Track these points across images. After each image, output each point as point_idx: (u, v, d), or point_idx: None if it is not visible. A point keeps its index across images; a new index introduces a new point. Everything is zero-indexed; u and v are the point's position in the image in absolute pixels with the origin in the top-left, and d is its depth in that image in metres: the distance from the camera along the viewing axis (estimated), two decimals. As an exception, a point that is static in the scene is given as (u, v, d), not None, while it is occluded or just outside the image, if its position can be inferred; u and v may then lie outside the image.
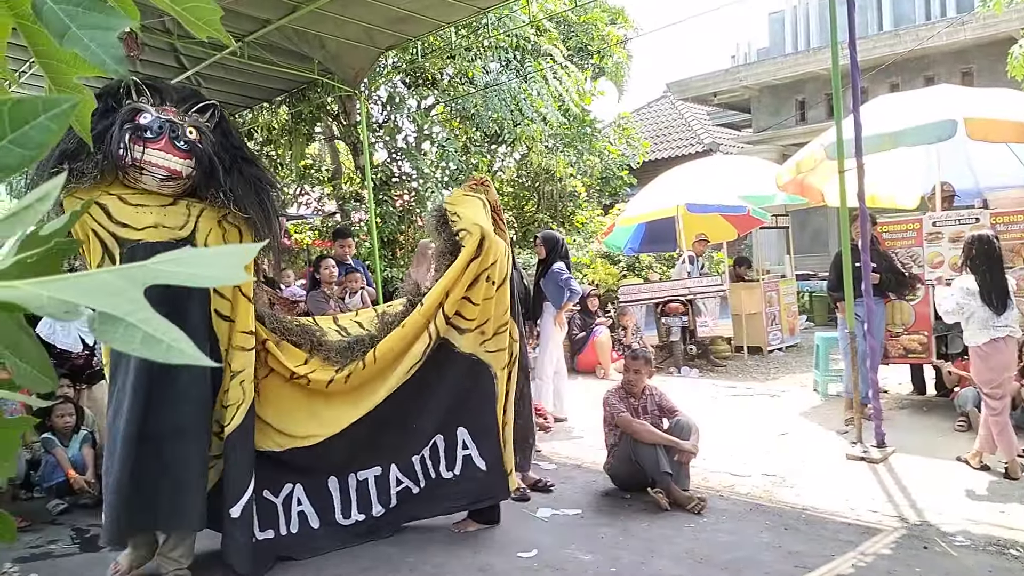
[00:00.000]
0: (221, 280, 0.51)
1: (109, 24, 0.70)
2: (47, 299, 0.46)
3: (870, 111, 6.72)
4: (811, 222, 15.77)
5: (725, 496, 4.80)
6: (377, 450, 4.19)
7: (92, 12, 0.70)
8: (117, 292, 0.47)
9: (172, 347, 0.47)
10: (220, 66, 9.05)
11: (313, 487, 4.07)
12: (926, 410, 6.64)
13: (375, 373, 4.11)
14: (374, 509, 4.18)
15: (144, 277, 0.49)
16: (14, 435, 0.66)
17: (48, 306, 0.46)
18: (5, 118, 0.49)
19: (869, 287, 5.66)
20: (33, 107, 0.50)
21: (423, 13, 7.60)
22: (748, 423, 6.67)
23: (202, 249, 0.55)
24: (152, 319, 0.47)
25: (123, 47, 0.71)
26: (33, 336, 0.61)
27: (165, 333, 0.47)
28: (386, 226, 11.02)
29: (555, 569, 3.77)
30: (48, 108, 0.50)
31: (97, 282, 0.48)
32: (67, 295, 0.47)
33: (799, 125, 16.23)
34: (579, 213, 14.08)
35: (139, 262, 0.50)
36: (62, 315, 0.46)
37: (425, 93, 12.54)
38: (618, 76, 15.43)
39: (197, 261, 0.52)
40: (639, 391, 4.98)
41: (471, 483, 4.28)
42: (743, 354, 10.28)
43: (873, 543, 3.95)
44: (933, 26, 14.33)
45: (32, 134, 0.50)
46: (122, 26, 0.71)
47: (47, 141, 0.50)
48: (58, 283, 0.48)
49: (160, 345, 0.46)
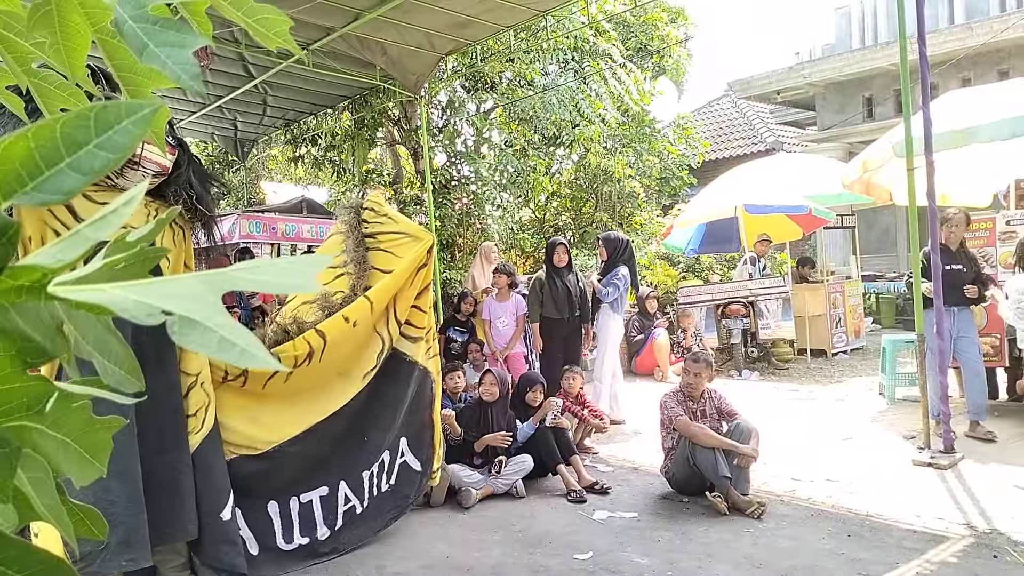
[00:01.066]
0: (295, 288, 0.55)
1: (184, 42, 0.74)
2: (132, 302, 0.48)
3: (940, 107, 6.52)
4: (878, 222, 15.33)
5: (786, 501, 4.73)
6: (327, 467, 4.05)
7: (168, 30, 0.73)
8: (197, 297, 0.50)
9: (246, 351, 0.49)
10: (286, 74, 9.30)
11: (252, 512, 3.83)
12: (998, 415, 6.40)
13: (322, 375, 3.95)
14: (319, 531, 4.02)
15: (223, 283, 0.52)
16: (106, 437, 0.66)
17: (132, 309, 0.48)
18: (92, 124, 0.51)
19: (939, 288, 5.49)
20: (117, 112, 0.52)
21: (483, 17, 7.67)
22: (810, 427, 6.54)
23: (277, 259, 0.59)
24: (228, 324, 0.49)
25: (197, 60, 0.75)
26: (121, 338, 0.62)
27: (240, 337, 0.49)
28: (445, 229, 11.14)
29: (611, 572, 3.78)
30: (131, 113, 0.52)
31: (178, 287, 0.50)
32: (150, 299, 0.49)
33: (866, 122, 15.78)
34: (638, 214, 13.98)
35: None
36: (144, 318, 0.48)
37: (484, 97, 12.62)
38: (678, 75, 15.25)
39: (273, 271, 0.54)
40: (698, 394, 4.95)
41: (408, 487, 4.31)
42: (806, 357, 10.06)
43: (940, 551, 3.84)
44: (1008, 18, 13.75)
45: (116, 138, 0.51)
46: (196, 44, 0.74)
47: (130, 144, 0.52)
48: (141, 287, 0.50)
49: (235, 348, 0.48)
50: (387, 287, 4.08)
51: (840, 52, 16.87)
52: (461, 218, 11.62)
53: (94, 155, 0.50)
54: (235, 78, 9.64)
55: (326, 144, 13.26)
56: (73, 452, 0.66)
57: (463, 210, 11.86)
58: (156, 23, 0.74)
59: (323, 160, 13.76)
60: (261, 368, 2.78)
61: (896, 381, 7.34)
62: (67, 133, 0.49)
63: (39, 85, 0.89)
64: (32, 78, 0.88)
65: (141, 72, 0.85)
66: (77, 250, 0.50)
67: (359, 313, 3.99)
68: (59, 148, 0.49)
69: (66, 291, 0.49)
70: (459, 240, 11.74)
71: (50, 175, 0.49)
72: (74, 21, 0.81)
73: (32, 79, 0.89)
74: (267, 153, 16.14)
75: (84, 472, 0.67)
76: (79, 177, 0.49)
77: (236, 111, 11.51)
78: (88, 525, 0.75)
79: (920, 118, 5.44)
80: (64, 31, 0.81)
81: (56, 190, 0.48)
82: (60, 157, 0.49)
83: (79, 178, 0.49)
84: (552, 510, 4.76)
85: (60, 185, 0.48)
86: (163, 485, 3.38)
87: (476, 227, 11.96)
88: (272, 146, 15.11)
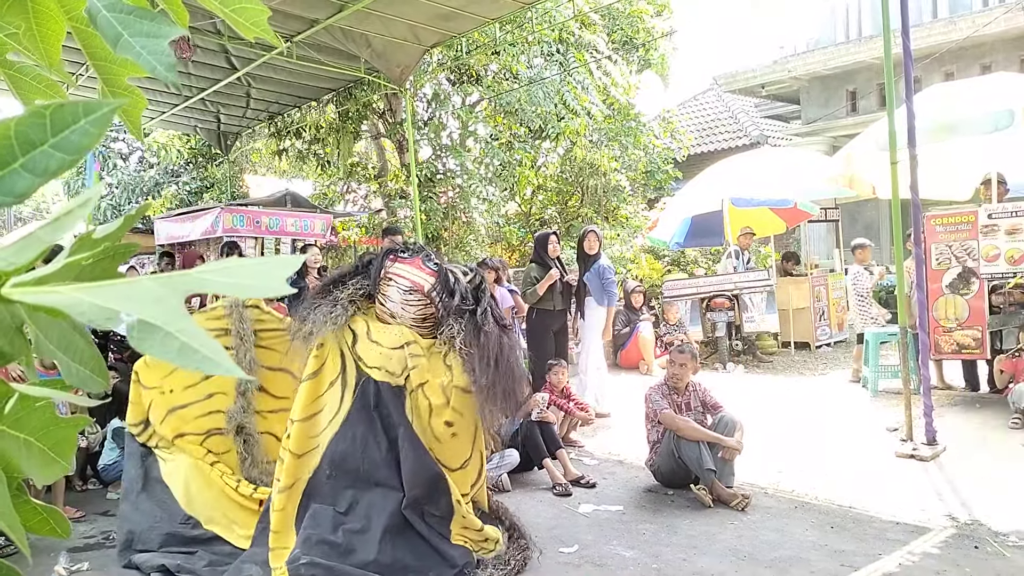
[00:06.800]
0: (263, 292, 0.52)
1: (160, 32, 0.72)
2: (89, 305, 0.47)
3: (923, 101, 6.56)
4: (862, 215, 15.42)
5: (770, 493, 4.76)
6: None
7: (143, 20, 0.72)
8: (158, 300, 0.48)
9: (208, 358, 0.47)
10: (269, 66, 9.23)
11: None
12: (979, 407, 6.47)
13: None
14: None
15: (188, 286, 0.50)
16: (71, 434, 0.66)
17: (89, 312, 0.47)
18: (47, 123, 0.49)
19: (923, 281, 5.53)
20: (74, 112, 0.50)
21: (468, 9, 7.64)
22: (794, 420, 6.58)
23: (247, 259, 0.57)
24: (190, 329, 0.47)
25: (175, 51, 0.73)
26: (88, 337, 0.61)
27: (202, 344, 0.47)
28: (430, 222, 11.11)
29: (596, 565, 3.79)
30: (88, 113, 0.50)
31: (138, 290, 0.49)
32: (108, 302, 0.47)
33: (850, 116, 15.87)
34: (623, 208, 13.99)
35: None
36: (103, 322, 0.47)
37: (469, 90, 12.58)
38: (663, 69, 15.27)
39: (241, 272, 0.52)
40: (683, 387, 4.96)
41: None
42: (790, 350, 10.12)
43: (921, 542, 3.88)
44: (990, 12, 13.85)
45: (73, 138, 0.50)
46: (172, 34, 0.73)
47: (87, 145, 0.50)
48: (100, 289, 0.48)
49: (196, 355, 0.46)
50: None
51: (824, 46, 16.95)
52: (446, 211, 11.59)
53: (49, 155, 0.48)
54: (218, 70, 9.56)
55: (310, 137, 13.19)
56: (36, 451, 0.65)
57: (448, 203, 11.83)
58: (131, 12, 0.72)
59: (307, 153, 13.68)
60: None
61: (878, 373, 7.39)
62: (22, 132, 0.47)
63: (15, 76, 0.87)
64: (7, 69, 0.86)
65: (116, 61, 0.83)
66: (30, 253, 0.49)
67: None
68: (13, 148, 0.47)
69: (22, 293, 0.48)
70: (444, 234, 11.72)
71: (2, 176, 0.47)
72: (48, 8, 0.79)
73: (7, 70, 0.86)
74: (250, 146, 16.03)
75: (48, 470, 0.66)
76: (32, 178, 0.47)
77: (219, 104, 11.42)
78: (52, 526, 0.74)
79: (903, 112, 5.47)
80: (38, 18, 0.80)
81: (8, 192, 0.46)
82: (14, 157, 0.47)
83: (32, 179, 0.47)
84: (538, 504, 4.77)
85: (12, 186, 0.46)
86: None
87: (462, 220, 11.94)
88: (255, 139, 15.01)
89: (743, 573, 3.62)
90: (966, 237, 6.58)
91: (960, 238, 6.61)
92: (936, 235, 6.63)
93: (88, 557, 4.12)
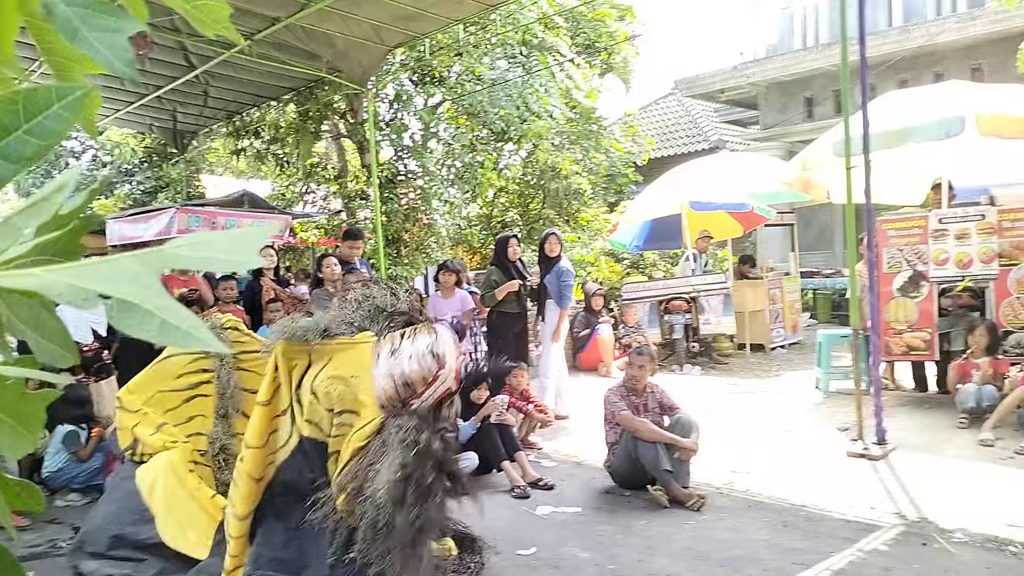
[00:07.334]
0: (237, 266, 0.52)
1: (119, 27, 0.71)
2: (65, 286, 0.46)
3: (878, 108, 6.68)
4: (816, 219, 15.71)
5: (725, 493, 4.83)
6: None
7: (102, 15, 0.70)
8: (134, 278, 0.47)
9: (190, 334, 0.46)
10: (228, 64, 9.09)
11: None
12: (927, 407, 6.64)
13: None
14: None
15: (162, 262, 0.49)
16: (39, 408, 0.65)
17: (66, 293, 0.46)
18: (20, 108, 0.48)
19: (875, 284, 5.67)
20: (47, 96, 0.49)
21: (432, 10, 7.62)
22: (749, 420, 6.68)
23: (217, 233, 0.55)
24: (169, 306, 0.46)
25: (133, 47, 0.72)
26: (55, 312, 0.60)
27: (183, 320, 0.46)
28: (391, 224, 11.05)
29: (553, 567, 3.81)
30: (61, 96, 0.50)
31: (114, 269, 0.48)
32: (85, 282, 0.46)
33: (806, 122, 16.16)
34: (584, 211, 14.08)
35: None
36: (80, 302, 0.46)
37: (432, 91, 12.55)
38: (625, 73, 15.41)
39: (212, 246, 0.52)
40: (641, 388, 5.01)
41: None
42: (746, 351, 10.28)
43: (871, 540, 3.97)
44: (943, 22, 14.22)
45: (47, 123, 0.49)
46: (131, 29, 0.72)
47: (61, 131, 0.50)
48: (75, 270, 0.47)
49: (177, 332, 0.46)
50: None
51: (783, 53, 17.25)
52: (408, 213, 11.54)
53: (24, 141, 0.48)
54: (175, 68, 9.39)
55: (269, 137, 13.03)
56: (7, 427, 0.65)
57: (410, 205, 11.78)
58: (90, 6, 0.71)
59: (266, 153, 13.52)
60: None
61: (831, 374, 7.54)
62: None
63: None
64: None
65: (72, 56, 0.82)
66: (6, 240, 0.48)
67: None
68: None
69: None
70: (405, 236, 11.66)
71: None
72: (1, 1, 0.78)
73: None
74: (207, 145, 15.78)
75: (17, 445, 0.66)
76: (8, 166, 0.46)
77: (176, 102, 11.21)
78: (24, 499, 0.75)
79: (859, 118, 5.58)
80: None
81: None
82: None
83: (8, 167, 0.46)
84: (496, 506, 4.76)
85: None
86: None
87: (423, 222, 11.89)
88: (213, 138, 14.78)
89: (698, 573, 3.67)
90: (917, 241, 6.75)
91: (911, 242, 6.77)
92: (888, 239, 6.78)
93: (34, 566, 4.02)
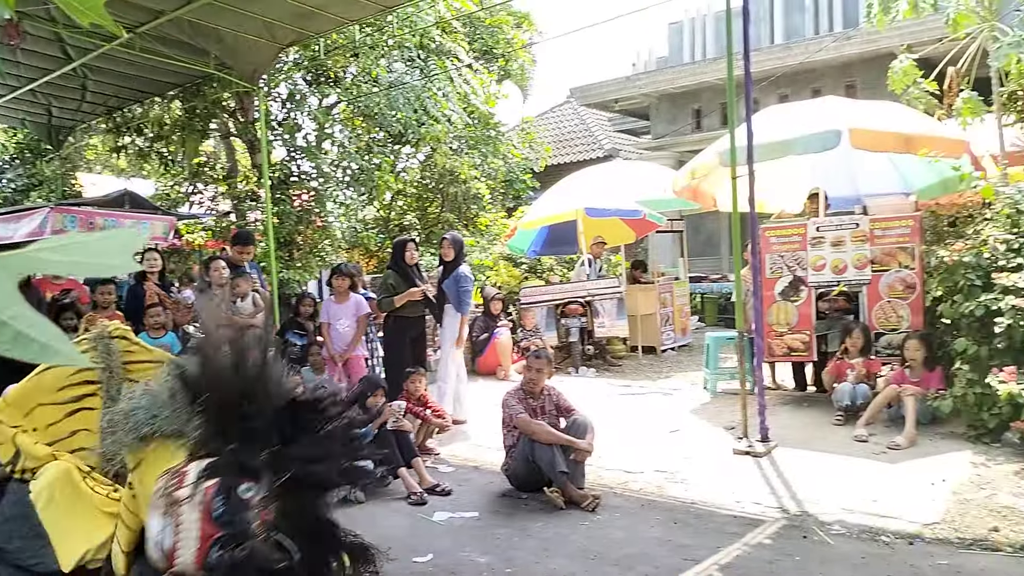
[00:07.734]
0: (106, 271, 0.48)
1: None
2: None
3: (762, 121, 7.01)
4: (704, 227, 16.31)
5: (619, 493, 4.94)
6: None
7: None
8: None
9: (48, 347, 0.42)
10: (108, 57, 8.61)
11: None
12: (806, 405, 7.00)
13: None
14: None
15: (21, 266, 0.45)
16: None
17: None
18: None
19: (758, 288, 5.93)
20: None
21: (327, 9, 7.46)
22: (642, 421, 6.86)
23: (85, 235, 0.52)
24: (25, 315, 0.42)
25: (2, 37, 0.67)
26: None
27: (40, 332, 0.42)
28: (283, 227, 10.73)
29: (450, 573, 3.79)
30: None
31: None
32: None
33: (695, 133, 16.76)
34: (483, 215, 14.12)
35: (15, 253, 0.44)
36: None
37: (327, 91, 12.28)
38: (522, 80, 15.58)
39: (81, 250, 0.47)
40: (538, 391, 5.06)
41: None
42: (638, 354, 10.56)
43: (756, 534, 4.14)
44: (820, 41, 15.06)
45: None
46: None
47: None
48: None
49: (33, 345, 0.42)
50: None
51: (673, 65, 17.85)
52: (301, 215, 11.24)
53: None
54: (51, 60, 8.83)
55: (153, 134, 12.43)
56: None
57: (303, 207, 11.48)
58: None
59: (149, 151, 12.89)
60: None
61: (718, 375, 7.85)
62: None
63: None
64: None
65: None
66: None
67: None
68: None
69: None
70: (298, 238, 11.36)
71: None
72: None
73: None
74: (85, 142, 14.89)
75: None
76: None
77: (51, 95, 10.53)
78: None
79: (744, 130, 5.84)
80: None
81: None
82: None
83: None
84: (392, 514, 4.71)
85: None
86: None
87: (317, 224, 11.62)
88: (92, 134, 13.96)
89: (593, 572, 3.74)
90: (797, 248, 7.11)
91: (791, 249, 7.13)
92: (771, 246, 7.12)
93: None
